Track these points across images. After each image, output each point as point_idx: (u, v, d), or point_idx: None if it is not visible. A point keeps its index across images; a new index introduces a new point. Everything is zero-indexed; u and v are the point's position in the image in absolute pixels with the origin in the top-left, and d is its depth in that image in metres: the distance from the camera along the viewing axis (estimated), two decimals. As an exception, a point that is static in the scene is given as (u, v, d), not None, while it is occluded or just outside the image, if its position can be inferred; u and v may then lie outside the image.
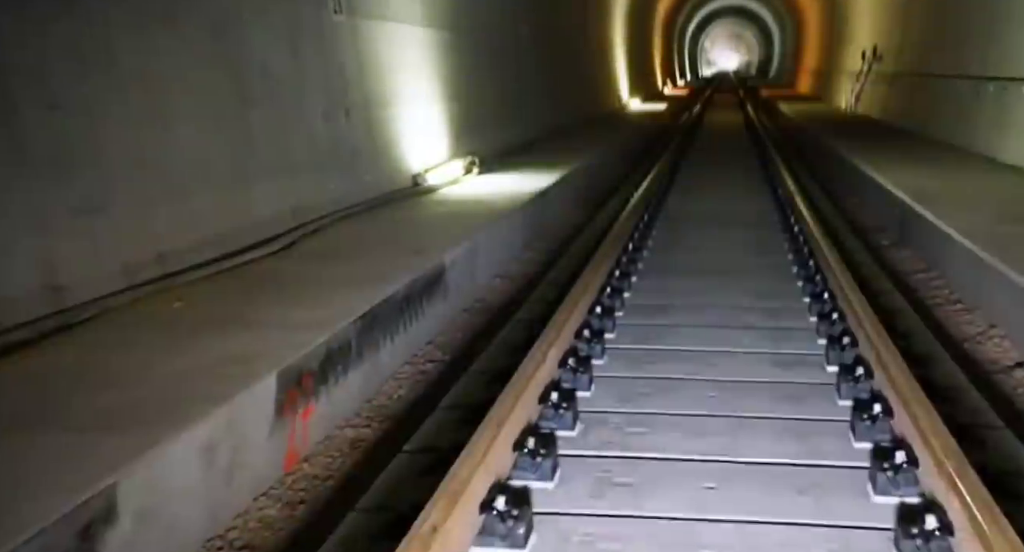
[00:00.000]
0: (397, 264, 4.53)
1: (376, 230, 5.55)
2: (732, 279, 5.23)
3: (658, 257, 5.91)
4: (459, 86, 8.88)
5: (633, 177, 10.29)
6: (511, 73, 11.14)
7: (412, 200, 6.78)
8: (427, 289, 4.47)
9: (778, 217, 7.32)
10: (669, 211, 7.77)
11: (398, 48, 7.27)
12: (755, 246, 6.26)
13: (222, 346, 3.19)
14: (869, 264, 5.84)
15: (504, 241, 6.17)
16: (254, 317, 3.58)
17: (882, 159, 9.58)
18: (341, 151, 5.96)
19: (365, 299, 3.82)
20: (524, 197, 7.14)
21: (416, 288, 4.31)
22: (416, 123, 7.50)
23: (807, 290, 4.83)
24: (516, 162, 9.54)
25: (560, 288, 5.09)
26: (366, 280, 4.18)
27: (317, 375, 3.19)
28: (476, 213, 6.41)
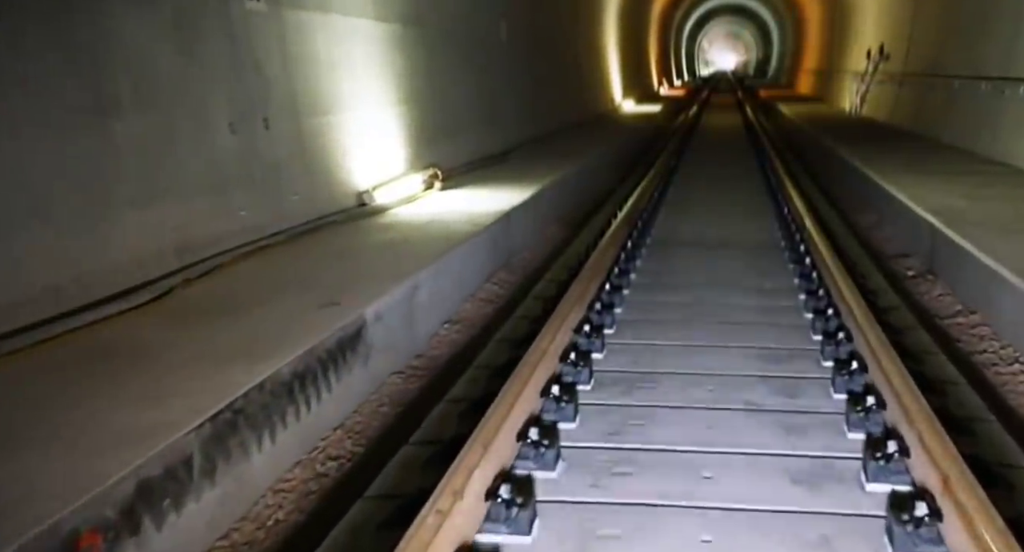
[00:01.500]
0: (297, 323, 3.49)
1: (291, 268, 4.50)
2: (732, 333, 4.20)
3: (641, 297, 4.88)
4: (422, 88, 7.84)
5: (620, 190, 9.25)
6: (487, 73, 10.10)
7: (353, 225, 5.73)
8: (338, 354, 3.44)
9: (784, 241, 6.28)
10: (658, 234, 6.73)
11: (342, 45, 6.23)
12: (758, 282, 5.22)
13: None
14: (898, 307, 4.80)
15: (459, 276, 5.14)
16: (42, 427, 2.52)
17: (898, 169, 8.55)
18: (256, 168, 4.92)
19: (233, 383, 2.79)
20: (490, 218, 6.10)
21: (319, 356, 3.27)
22: (364, 132, 6.46)
23: (827, 352, 3.79)
24: (488, 174, 8.50)
25: (517, 345, 4.06)
26: (245, 351, 3.14)
27: (118, 525, 2.15)
28: (428, 240, 5.37)
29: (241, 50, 4.83)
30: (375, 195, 6.28)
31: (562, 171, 8.83)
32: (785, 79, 37.75)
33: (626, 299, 4.77)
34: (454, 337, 4.67)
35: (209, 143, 4.49)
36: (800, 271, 5.26)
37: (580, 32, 17.88)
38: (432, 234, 5.54)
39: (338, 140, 5.97)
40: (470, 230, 5.67)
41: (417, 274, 4.49)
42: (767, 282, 5.27)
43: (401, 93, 7.32)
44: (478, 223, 5.89)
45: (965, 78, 11.11)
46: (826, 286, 4.77)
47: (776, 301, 4.83)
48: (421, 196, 6.97)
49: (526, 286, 5.61)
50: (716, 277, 5.35)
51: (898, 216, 7.22)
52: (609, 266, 5.26)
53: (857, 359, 3.51)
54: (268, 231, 4.87)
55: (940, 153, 10.25)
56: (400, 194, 6.68)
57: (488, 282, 5.71)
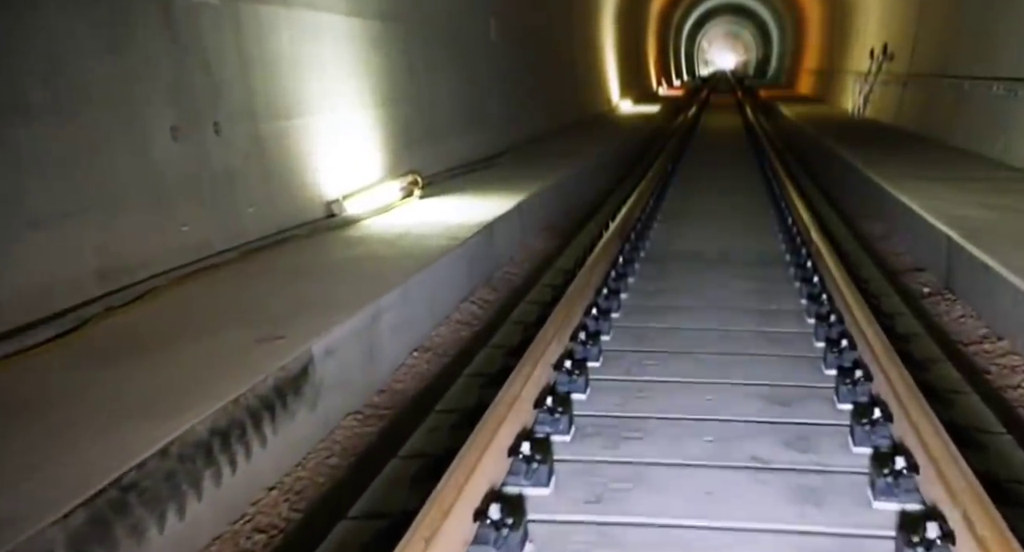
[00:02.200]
0: (228, 364, 3.00)
1: (236, 293, 4.00)
2: (733, 367, 3.72)
3: (632, 322, 4.40)
4: (402, 89, 7.35)
5: (613, 197, 8.76)
6: (475, 73, 9.61)
7: (319, 238, 5.24)
8: (276, 399, 2.95)
9: (789, 256, 5.80)
10: (653, 247, 6.25)
11: (310, 42, 5.74)
12: (762, 304, 4.74)
13: None
14: (918, 335, 4.31)
15: (432, 297, 4.65)
16: None
17: (907, 175, 8.07)
18: (203, 178, 4.42)
19: (128, 449, 2.30)
20: (470, 230, 5.62)
21: (250, 405, 2.79)
22: (336, 136, 5.97)
23: (844, 393, 3.31)
24: (473, 181, 8.02)
25: (492, 380, 3.57)
26: (157, 402, 2.65)
27: None
28: (400, 256, 4.89)
29: (187, 47, 4.33)
30: (346, 205, 5.79)
31: (553, 177, 8.35)
32: (785, 79, 37.29)
33: (615, 325, 4.28)
34: (423, 368, 4.18)
35: (144, 151, 4.00)
36: (808, 291, 4.78)
37: (575, 31, 17.40)
38: (405, 249, 5.05)
39: (304, 145, 5.48)
40: (447, 244, 5.18)
41: (382, 298, 4.00)
42: (772, 303, 4.79)
43: (379, 94, 6.83)
44: (456, 236, 5.40)
45: (975, 79, 10.63)
46: (837, 310, 4.29)
47: (782, 326, 4.35)
48: (398, 205, 6.48)
49: (507, 306, 5.12)
50: (715, 298, 4.86)
51: (909, 226, 6.74)
52: (598, 286, 4.78)
53: (879, 405, 3.02)
54: (217, 248, 4.38)
55: (950, 157, 9.77)
56: (375, 203, 6.19)
57: (467, 301, 5.22)
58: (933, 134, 11.93)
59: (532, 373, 3.19)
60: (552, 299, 4.74)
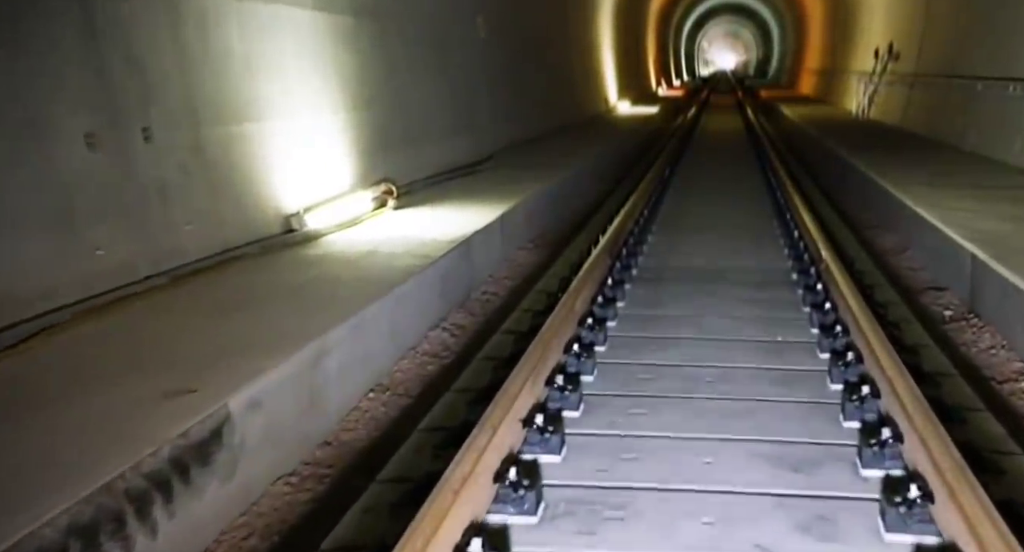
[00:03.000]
0: (116, 430, 2.45)
1: (152, 330, 3.44)
2: (736, 419, 3.18)
3: (619, 357, 3.85)
4: (378, 91, 6.80)
5: (606, 206, 8.21)
6: (461, 74, 9.06)
7: (271, 258, 4.69)
8: (173, 474, 2.40)
9: (797, 275, 5.25)
10: (646, 264, 5.70)
11: (268, 38, 5.20)
12: (768, 333, 4.19)
13: None
14: (948, 375, 3.76)
15: (395, 326, 4.11)
16: None
17: (920, 182, 7.53)
18: (128, 192, 3.87)
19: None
20: (444, 246, 5.08)
21: (129, 489, 2.24)
22: (298, 142, 5.42)
23: (869, 458, 2.76)
24: (455, 188, 7.47)
25: (452, 437, 3.02)
26: (4, 486, 2.10)
27: None
28: (360, 278, 4.35)
29: (108, 41, 3.78)
30: (307, 218, 5.25)
31: (542, 183, 7.81)
32: (786, 79, 36.76)
33: (600, 363, 3.73)
34: (379, 412, 3.63)
35: (48, 163, 3.45)
36: (820, 319, 4.24)
37: (571, 30, 16.85)
38: (366, 270, 4.50)
39: (259, 153, 4.94)
40: (416, 264, 4.63)
41: (330, 332, 3.45)
42: (779, 332, 4.25)
43: (350, 96, 6.29)
44: (428, 255, 4.85)
45: (990, 79, 10.08)
46: (855, 345, 3.75)
47: (791, 363, 3.81)
48: (369, 218, 5.94)
49: (482, 334, 4.58)
50: (715, 328, 4.31)
51: (926, 239, 6.20)
52: (582, 314, 4.23)
53: (917, 480, 2.47)
54: (141, 274, 3.84)
55: (964, 162, 9.22)
56: (342, 216, 5.64)
57: (438, 328, 4.68)
58: (942, 137, 11.39)
59: (495, 434, 2.65)
60: (531, 328, 4.20)
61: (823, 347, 3.91)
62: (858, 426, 3.06)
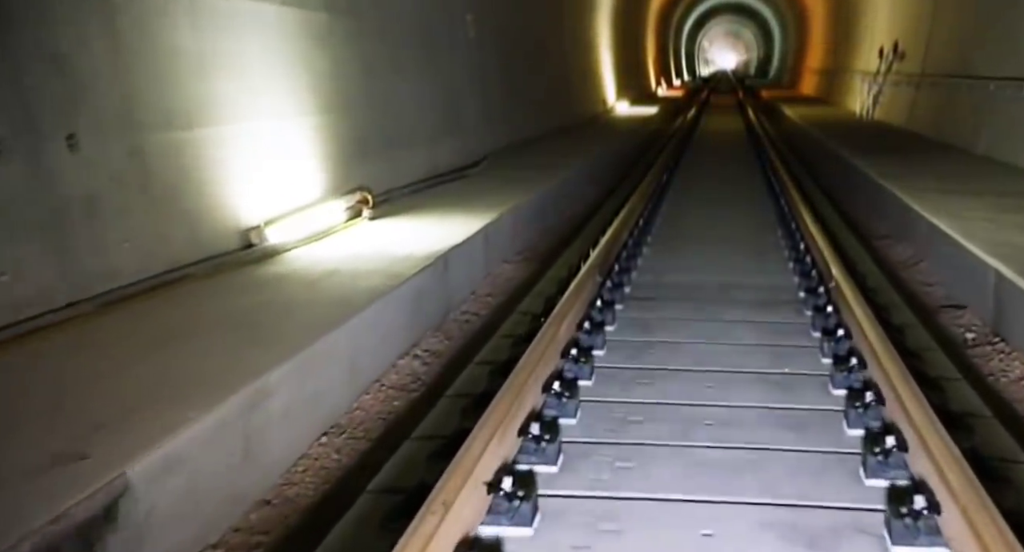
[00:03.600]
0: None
1: (56, 371, 2.98)
2: (739, 474, 2.73)
3: (604, 395, 3.40)
4: (354, 93, 6.36)
5: (600, 215, 7.75)
6: (449, 74, 8.61)
7: (221, 278, 4.24)
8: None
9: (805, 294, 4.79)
10: (640, 280, 5.25)
11: (227, 35, 4.76)
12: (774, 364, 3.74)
13: None
14: (980, 416, 3.30)
15: (356, 357, 3.67)
16: None
17: (932, 187, 7.10)
18: (44, 208, 3.42)
19: None
20: (418, 263, 4.64)
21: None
22: (259, 149, 4.98)
23: (900, 532, 2.31)
24: (438, 196, 7.02)
25: (409, 500, 2.58)
26: None
27: None
28: (318, 301, 3.90)
29: (22, 34, 3.33)
30: (269, 232, 4.80)
31: (532, 189, 7.36)
32: (787, 79, 36.32)
33: (584, 402, 3.28)
34: (329, 460, 3.19)
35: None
36: (832, 349, 3.79)
37: (567, 29, 16.40)
38: (327, 292, 4.06)
39: (214, 161, 4.49)
40: (384, 284, 4.19)
41: (273, 370, 3.01)
42: (786, 362, 3.80)
43: (323, 99, 5.84)
44: (399, 273, 4.40)
45: (1003, 79, 9.63)
46: (873, 382, 3.31)
47: (802, 400, 3.37)
48: (340, 229, 5.49)
49: (457, 363, 4.13)
50: (714, 357, 3.86)
51: (941, 252, 5.76)
52: (566, 341, 3.78)
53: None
54: (61, 301, 3.39)
55: (975, 166, 8.78)
56: (309, 228, 5.20)
57: (408, 355, 4.23)
58: (952, 139, 10.95)
59: (449, 510, 2.20)
60: (509, 358, 3.75)
61: (837, 383, 3.46)
62: (884, 486, 2.62)
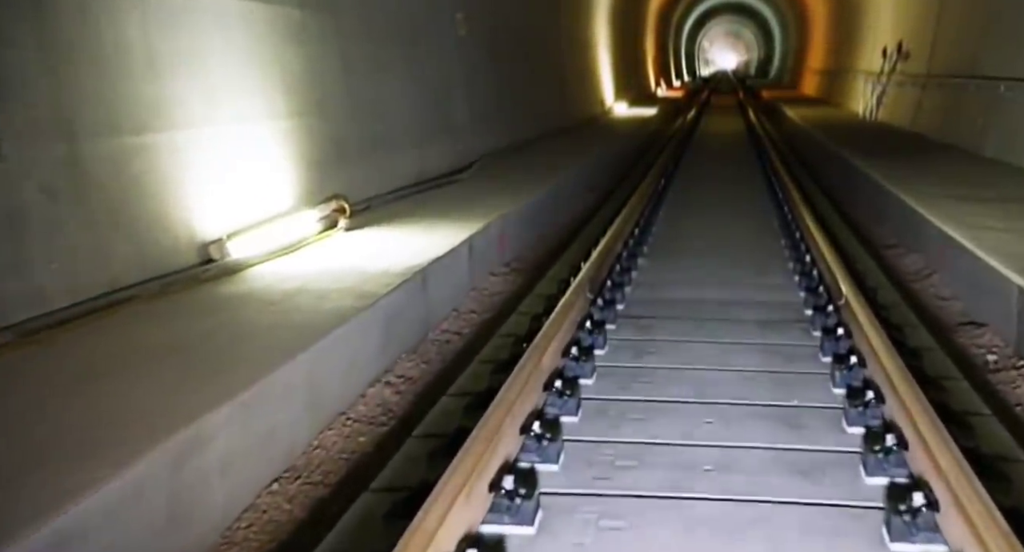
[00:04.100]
0: None
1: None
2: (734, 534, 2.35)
3: (590, 430, 3.04)
4: (331, 95, 5.99)
5: (592, 223, 7.38)
6: (437, 74, 8.24)
7: (170, 299, 3.86)
8: None
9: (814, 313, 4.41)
10: (634, 298, 4.86)
11: (180, 30, 4.39)
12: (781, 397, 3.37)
13: None
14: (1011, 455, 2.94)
15: (315, 390, 3.30)
16: None
17: (942, 194, 6.75)
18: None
19: None
20: (392, 280, 4.27)
21: None
22: (222, 155, 4.61)
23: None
24: (422, 204, 6.65)
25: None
26: None
27: None
28: (276, 326, 3.53)
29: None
30: (232, 246, 4.43)
31: (523, 195, 6.99)
32: (788, 79, 35.96)
33: (567, 444, 2.91)
34: (280, 512, 2.81)
35: None
36: (845, 378, 3.43)
37: (563, 28, 16.03)
38: (288, 315, 3.68)
39: (168, 169, 4.12)
40: (353, 305, 3.82)
41: (215, 410, 2.64)
42: (795, 392, 3.43)
43: (297, 101, 5.47)
44: (370, 292, 4.03)
45: (1013, 80, 9.26)
46: (893, 422, 2.94)
47: (814, 439, 3.01)
48: (313, 241, 5.12)
49: (432, 391, 3.76)
50: (716, 385, 3.49)
51: (957, 264, 5.39)
52: (550, 371, 3.41)
53: None
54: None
55: (986, 171, 8.41)
56: (278, 241, 4.82)
57: (379, 383, 3.86)
58: (959, 142, 10.59)
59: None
60: (488, 388, 3.39)
61: (851, 419, 3.10)
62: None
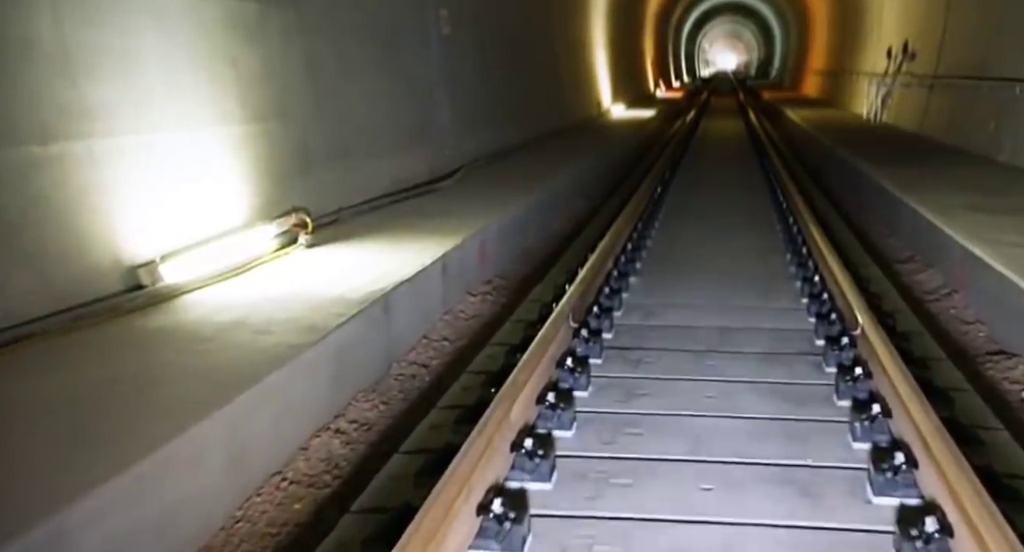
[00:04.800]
0: None
1: None
2: None
3: (573, 497, 2.52)
4: (294, 97, 5.48)
5: (583, 236, 6.86)
6: (417, 75, 7.73)
7: (80, 336, 3.33)
8: None
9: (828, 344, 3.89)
10: (623, 328, 4.33)
11: (108, 26, 3.88)
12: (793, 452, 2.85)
13: None
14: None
15: (241, 449, 2.79)
16: None
17: (960, 204, 6.24)
18: None
19: None
20: (353, 306, 3.76)
21: None
22: (158, 165, 4.09)
23: None
24: (399, 215, 6.13)
25: None
26: None
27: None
28: (206, 369, 3.02)
29: None
30: (166, 270, 3.90)
31: (509, 206, 6.47)
32: (789, 80, 35.46)
33: (536, 521, 2.40)
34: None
35: None
36: (867, 432, 2.92)
37: (557, 28, 15.51)
38: (218, 356, 3.16)
39: (84, 183, 3.61)
40: (298, 341, 3.30)
41: (87, 497, 2.12)
42: (808, 448, 2.92)
43: (253, 105, 4.96)
44: (318, 324, 3.51)
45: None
46: (934, 501, 2.43)
47: (833, 513, 2.51)
48: (267, 260, 4.60)
49: (387, 442, 3.25)
50: (715, 439, 2.98)
51: (980, 283, 4.89)
52: (520, 427, 2.90)
53: None
54: None
55: (1004, 178, 7.89)
56: (225, 262, 4.30)
57: (328, 431, 3.34)
58: (970, 145, 10.08)
59: None
60: (448, 445, 2.87)
61: (878, 487, 2.58)
62: None
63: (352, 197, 5.99)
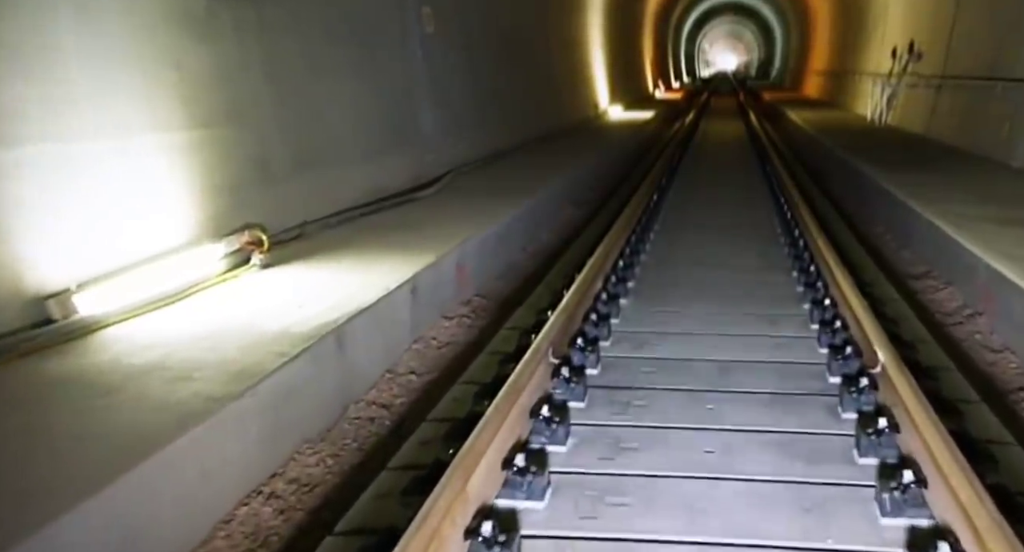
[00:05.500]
0: None
1: None
2: None
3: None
4: (248, 98, 4.97)
5: (572, 250, 6.35)
6: (397, 77, 7.22)
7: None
8: None
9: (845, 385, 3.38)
10: (611, 363, 3.81)
11: (19, 19, 3.37)
12: (804, 521, 2.35)
13: None
14: None
15: (144, 529, 2.29)
16: None
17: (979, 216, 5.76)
18: None
19: None
20: (298, 343, 3.26)
21: None
22: (79, 177, 3.59)
23: None
24: (371, 229, 5.63)
25: None
26: None
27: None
28: (103, 431, 2.52)
29: None
30: (79, 301, 3.39)
31: (494, 217, 5.96)
32: (789, 81, 34.97)
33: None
34: None
35: None
36: (899, 503, 2.42)
37: (552, 27, 15.00)
38: (122, 413, 2.65)
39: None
40: (225, 390, 2.79)
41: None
42: (828, 523, 2.43)
43: (200, 110, 4.45)
44: (250, 369, 3.00)
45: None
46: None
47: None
48: (212, 285, 4.09)
49: (333, 510, 2.74)
50: (713, 511, 2.48)
51: (1007, 305, 4.39)
52: (473, 508, 2.40)
53: None
54: None
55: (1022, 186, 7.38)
56: (158, 288, 3.79)
57: (260, 495, 2.83)
58: (981, 149, 9.59)
59: None
60: (390, 527, 2.37)
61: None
62: None
63: (319, 209, 5.48)
